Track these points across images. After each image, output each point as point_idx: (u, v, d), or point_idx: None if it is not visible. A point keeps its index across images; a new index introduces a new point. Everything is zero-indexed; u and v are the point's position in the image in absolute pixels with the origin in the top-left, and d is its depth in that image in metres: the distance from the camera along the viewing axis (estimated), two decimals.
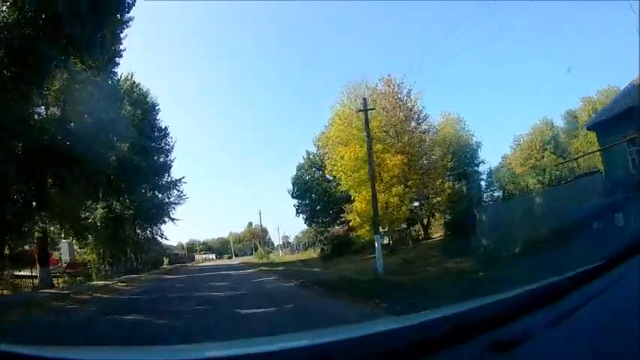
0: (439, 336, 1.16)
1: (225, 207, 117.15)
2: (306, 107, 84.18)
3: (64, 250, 31.30)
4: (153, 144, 28.01)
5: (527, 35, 47.73)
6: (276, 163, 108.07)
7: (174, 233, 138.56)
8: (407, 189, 22.95)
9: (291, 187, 34.50)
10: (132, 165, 22.89)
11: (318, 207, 32.88)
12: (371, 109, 17.39)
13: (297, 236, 57.47)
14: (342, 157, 22.43)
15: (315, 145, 35.10)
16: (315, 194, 32.67)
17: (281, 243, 62.49)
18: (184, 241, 73.52)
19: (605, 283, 1.46)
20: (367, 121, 17.02)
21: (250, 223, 79.29)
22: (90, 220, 22.54)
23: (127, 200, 25.14)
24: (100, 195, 24.91)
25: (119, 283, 15.74)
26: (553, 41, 49.38)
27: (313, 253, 37.86)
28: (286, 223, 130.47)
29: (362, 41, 67.74)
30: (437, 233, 33.48)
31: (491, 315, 1.31)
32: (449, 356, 1.13)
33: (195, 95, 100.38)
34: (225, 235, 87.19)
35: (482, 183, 26.51)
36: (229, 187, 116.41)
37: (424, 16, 58.84)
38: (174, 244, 64.37)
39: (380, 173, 23.03)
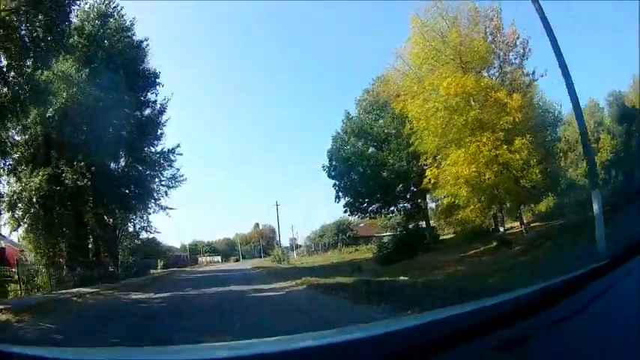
0: (440, 337, 1.13)
1: (230, 208, 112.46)
2: (313, 113, 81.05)
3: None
4: (136, 93, 19.24)
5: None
6: (281, 163, 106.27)
7: (176, 234, 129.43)
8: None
9: (326, 164, 25.53)
10: (94, 108, 14.17)
11: (362, 190, 23.79)
12: None
13: (308, 236, 52.65)
14: (435, 89, 13.52)
15: (358, 106, 26.00)
16: (356, 173, 23.83)
17: (289, 245, 55.91)
18: (187, 241, 67.96)
19: (605, 284, 1.42)
20: None
21: (257, 224, 73.97)
22: (24, 194, 13.79)
23: (84, 164, 15.23)
24: (53, 159, 16.01)
25: None
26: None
27: (348, 254, 31.86)
28: (295, 224, 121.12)
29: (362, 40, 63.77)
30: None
31: (493, 316, 1.27)
32: (450, 357, 1.09)
33: (198, 91, 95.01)
34: (230, 235, 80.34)
35: None
36: (234, 189, 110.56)
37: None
38: (178, 246, 61.13)
39: (482, 121, 14.34)
